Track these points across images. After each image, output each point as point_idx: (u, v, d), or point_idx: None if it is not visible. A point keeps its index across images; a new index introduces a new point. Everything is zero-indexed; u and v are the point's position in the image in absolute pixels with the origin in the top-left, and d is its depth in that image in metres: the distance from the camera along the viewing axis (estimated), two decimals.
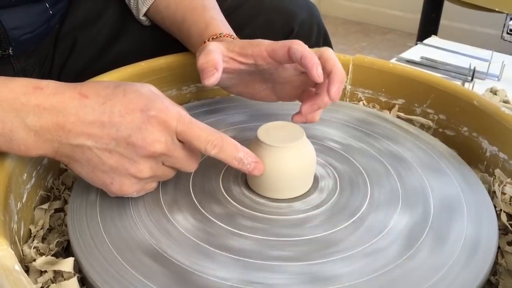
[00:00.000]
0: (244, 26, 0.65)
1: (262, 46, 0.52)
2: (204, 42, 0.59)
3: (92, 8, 0.78)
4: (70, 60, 0.75)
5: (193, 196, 0.48)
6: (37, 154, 0.42)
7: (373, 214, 0.46)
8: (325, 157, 0.54)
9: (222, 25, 0.62)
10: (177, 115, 0.42)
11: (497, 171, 0.54)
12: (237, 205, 0.47)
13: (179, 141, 0.43)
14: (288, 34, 0.73)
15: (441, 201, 0.48)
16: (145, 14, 0.73)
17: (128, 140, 0.41)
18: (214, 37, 0.59)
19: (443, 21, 1.88)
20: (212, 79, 0.50)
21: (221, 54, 0.52)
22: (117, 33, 0.77)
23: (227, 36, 0.59)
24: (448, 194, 0.49)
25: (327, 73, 0.50)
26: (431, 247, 0.42)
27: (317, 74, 0.48)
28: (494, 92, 0.91)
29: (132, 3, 0.73)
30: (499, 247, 0.47)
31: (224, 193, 0.48)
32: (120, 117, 0.41)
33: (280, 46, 0.51)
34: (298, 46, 0.49)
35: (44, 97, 0.41)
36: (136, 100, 0.41)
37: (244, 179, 0.50)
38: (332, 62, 0.49)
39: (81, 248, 0.42)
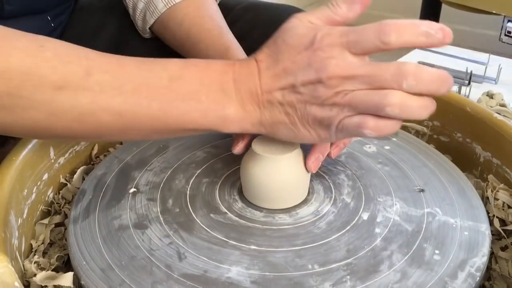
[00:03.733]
0: (241, 40, 0.65)
1: None
2: None
3: (91, 23, 0.79)
4: None
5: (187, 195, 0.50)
6: (244, 127, 0.42)
7: (347, 239, 0.45)
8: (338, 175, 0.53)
9: (239, 50, 0.62)
10: (337, 33, 0.39)
11: (490, 177, 0.55)
12: (222, 208, 0.48)
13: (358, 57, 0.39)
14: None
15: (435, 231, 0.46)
16: (150, 28, 0.72)
17: (305, 81, 0.39)
18: None
19: (442, 24, 1.89)
20: (237, 148, 0.49)
21: None
22: (116, 47, 0.78)
23: None
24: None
25: None
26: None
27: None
28: (490, 95, 0.91)
29: (137, 14, 0.72)
30: (492, 253, 0.47)
31: (217, 196, 0.50)
32: (292, 63, 0.40)
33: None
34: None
35: (236, 73, 0.41)
36: (297, 42, 0.40)
37: (239, 188, 0.51)
38: None
39: (80, 262, 0.43)
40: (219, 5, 0.72)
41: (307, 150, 0.48)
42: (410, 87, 0.37)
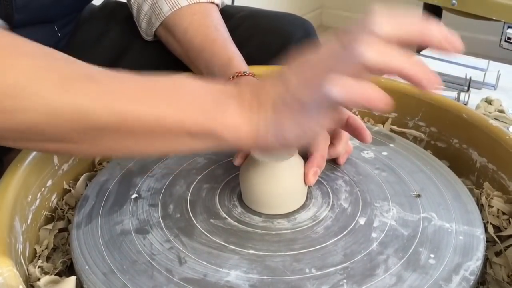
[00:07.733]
0: (241, 48, 0.66)
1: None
2: (230, 79, 0.60)
3: (94, 30, 0.80)
4: None
5: (188, 199, 0.52)
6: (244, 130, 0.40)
7: (344, 244, 0.46)
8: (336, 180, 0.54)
9: (242, 61, 0.63)
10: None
11: (486, 184, 0.56)
12: (222, 213, 0.49)
13: None
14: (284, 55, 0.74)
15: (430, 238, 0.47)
16: (155, 32, 0.73)
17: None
18: (238, 74, 0.60)
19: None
20: (238, 160, 0.52)
21: None
22: (119, 53, 0.79)
23: (250, 75, 0.60)
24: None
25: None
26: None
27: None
28: (489, 101, 0.92)
29: (142, 17, 0.73)
30: (487, 258, 0.48)
31: (217, 202, 0.51)
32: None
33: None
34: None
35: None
36: None
37: (239, 194, 0.52)
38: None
39: (83, 266, 0.44)
40: (220, 12, 0.73)
41: (306, 157, 0.50)
42: None
